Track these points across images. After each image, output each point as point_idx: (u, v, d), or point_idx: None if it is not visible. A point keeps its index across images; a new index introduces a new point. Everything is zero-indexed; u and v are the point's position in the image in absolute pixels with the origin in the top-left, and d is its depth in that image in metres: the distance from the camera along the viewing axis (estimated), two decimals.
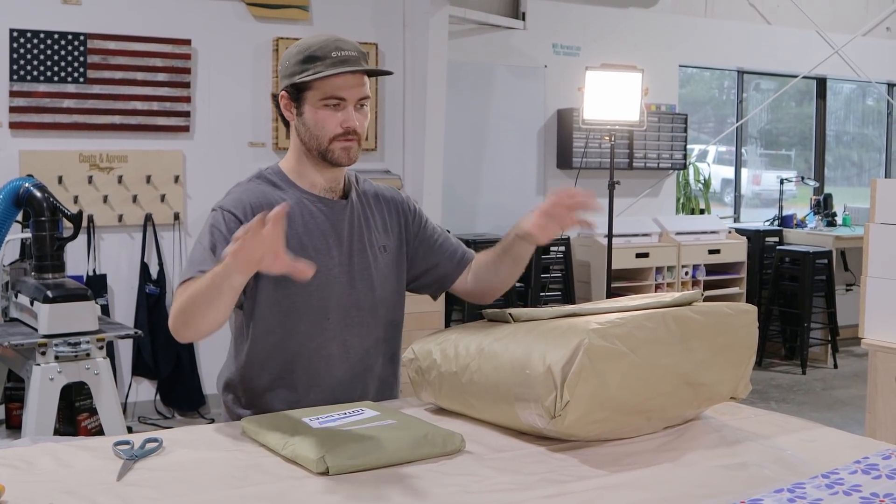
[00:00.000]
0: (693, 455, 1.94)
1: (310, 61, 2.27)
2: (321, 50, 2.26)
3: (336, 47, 2.27)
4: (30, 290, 4.08)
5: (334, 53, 2.26)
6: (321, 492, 1.71)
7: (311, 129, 2.31)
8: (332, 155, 2.31)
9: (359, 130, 2.31)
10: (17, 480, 1.71)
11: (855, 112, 9.89)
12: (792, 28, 8.52)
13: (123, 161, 5.63)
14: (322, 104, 2.28)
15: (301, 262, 1.97)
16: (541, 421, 1.93)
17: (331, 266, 2.33)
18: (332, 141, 2.29)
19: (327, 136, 2.29)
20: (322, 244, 2.33)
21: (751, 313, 2.18)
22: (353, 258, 2.38)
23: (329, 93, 2.27)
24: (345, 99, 2.27)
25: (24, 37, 5.34)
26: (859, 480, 1.58)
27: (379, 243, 2.45)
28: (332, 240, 2.35)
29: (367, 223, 2.44)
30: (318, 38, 2.32)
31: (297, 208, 2.31)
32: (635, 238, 7.16)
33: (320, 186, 2.38)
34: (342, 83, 2.27)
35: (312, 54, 2.27)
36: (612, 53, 7.17)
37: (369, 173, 6.18)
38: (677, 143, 7.72)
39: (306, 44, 2.30)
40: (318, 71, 2.25)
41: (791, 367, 7.51)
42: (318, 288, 2.31)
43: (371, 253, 2.42)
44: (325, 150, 2.30)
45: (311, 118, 2.30)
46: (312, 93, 2.28)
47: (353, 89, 2.28)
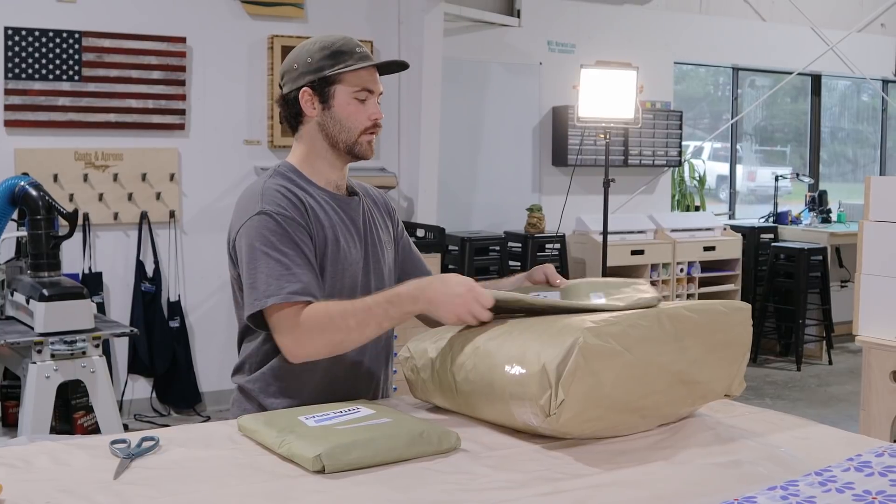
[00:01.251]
0: (687, 453, 1.95)
1: (338, 56, 2.31)
2: (346, 45, 2.32)
3: (356, 44, 2.34)
4: (26, 289, 4.08)
5: (358, 49, 2.33)
6: (317, 490, 1.72)
7: (342, 122, 2.33)
8: (359, 148, 2.35)
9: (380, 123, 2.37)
10: (15, 479, 1.71)
11: (850, 108, 9.91)
12: (787, 24, 8.54)
13: (119, 159, 5.63)
14: (353, 96, 2.32)
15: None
16: (536, 419, 1.94)
17: (357, 259, 2.37)
18: (362, 134, 2.34)
19: (358, 128, 2.33)
20: (350, 238, 2.36)
21: (745, 311, 2.19)
22: (368, 250, 2.41)
23: (361, 85, 2.32)
24: (373, 91, 2.34)
25: (18, 35, 5.33)
26: (852, 478, 1.59)
27: (383, 239, 2.49)
28: (354, 233, 2.39)
29: (373, 220, 2.48)
30: (333, 36, 2.36)
31: (319, 202, 2.34)
32: (630, 235, 7.17)
33: (333, 184, 2.40)
34: (371, 77, 2.34)
35: (339, 49, 2.31)
36: (606, 50, 7.18)
37: (364, 171, 6.21)
38: (672, 140, 7.73)
39: (328, 41, 2.34)
40: (350, 64, 2.30)
41: (786, 364, 7.53)
42: (350, 281, 2.34)
43: (381, 247, 2.46)
44: (355, 142, 2.34)
45: (342, 111, 2.32)
46: (343, 86, 2.31)
47: (378, 83, 2.36)
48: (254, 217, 2.24)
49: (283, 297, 2.15)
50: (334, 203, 2.37)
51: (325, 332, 2.16)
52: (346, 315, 2.15)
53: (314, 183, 2.37)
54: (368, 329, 2.17)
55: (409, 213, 6.41)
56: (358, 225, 2.40)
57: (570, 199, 6.66)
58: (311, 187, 2.36)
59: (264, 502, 1.66)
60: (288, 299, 2.15)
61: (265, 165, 5.56)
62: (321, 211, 2.32)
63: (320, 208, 2.32)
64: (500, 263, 6.52)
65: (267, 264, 2.19)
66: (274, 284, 2.17)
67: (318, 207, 2.32)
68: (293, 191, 2.31)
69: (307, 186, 2.36)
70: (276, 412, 2.08)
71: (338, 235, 2.32)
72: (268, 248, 2.20)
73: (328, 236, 2.30)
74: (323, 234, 2.30)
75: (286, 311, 2.16)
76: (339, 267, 2.31)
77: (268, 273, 2.18)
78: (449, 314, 2.10)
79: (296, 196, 2.29)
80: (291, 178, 2.36)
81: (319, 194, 2.36)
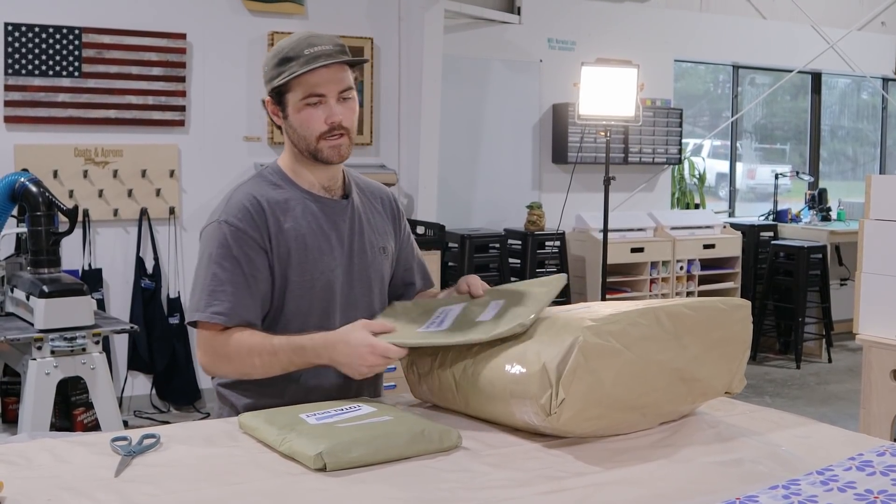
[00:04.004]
0: (688, 451, 1.95)
1: (284, 63, 2.25)
2: (293, 50, 2.25)
3: (308, 44, 2.25)
4: (25, 285, 4.08)
5: (307, 51, 2.23)
6: (318, 488, 1.72)
7: (298, 131, 2.29)
8: (321, 154, 2.29)
9: (345, 124, 2.29)
10: (16, 476, 1.71)
11: (850, 106, 9.90)
12: (787, 22, 8.53)
13: (118, 155, 5.62)
14: (303, 104, 2.26)
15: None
16: (536, 418, 1.94)
17: (333, 266, 2.33)
18: (320, 140, 2.27)
19: (314, 135, 2.27)
20: (325, 244, 2.32)
21: (744, 308, 2.19)
22: (353, 259, 2.38)
23: (307, 91, 2.25)
24: (324, 95, 2.25)
25: (18, 31, 5.33)
26: (854, 477, 1.59)
27: (378, 244, 2.45)
28: (334, 240, 2.34)
29: (368, 223, 2.43)
30: (291, 38, 2.30)
31: (298, 208, 2.31)
32: (630, 233, 7.16)
33: (318, 186, 2.36)
34: (318, 79, 2.24)
35: (286, 56, 2.25)
36: (607, 48, 7.18)
37: (365, 168, 6.21)
38: (672, 138, 7.73)
39: (280, 46, 2.29)
40: (293, 71, 2.23)
41: (785, 362, 7.53)
42: (322, 290, 2.31)
43: (371, 253, 2.41)
44: (315, 149, 2.29)
45: (295, 120, 2.28)
46: (292, 94, 2.26)
47: (331, 83, 2.26)
48: (213, 224, 2.29)
49: (206, 315, 2.22)
50: (316, 206, 2.34)
51: (232, 363, 2.23)
52: (252, 353, 2.19)
53: (297, 185, 2.35)
54: (273, 370, 2.21)
55: (409, 210, 6.41)
56: (341, 230, 2.36)
57: (570, 196, 6.66)
58: (292, 190, 2.34)
59: (265, 500, 1.66)
60: (210, 319, 2.21)
61: (265, 162, 5.52)
62: (295, 218, 2.29)
63: (296, 214, 2.30)
64: (499, 261, 6.52)
65: (206, 276, 2.25)
66: (204, 300, 2.23)
67: (294, 213, 2.30)
68: (266, 198, 2.29)
69: (288, 190, 2.34)
70: (276, 410, 2.07)
71: (307, 243, 2.29)
72: (211, 260, 2.25)
73: (294, 246, 2.27)
74: (287, 245, 2.27)
75: (205, 331, 2.24)
76: (306, 277, 2.29)
77: (203, 286, 2.25)
78: (353, 373, 2.12)
79: (261, 208, 2.27)
80: (273, 181, 2.35)
81: (301, 198, 2.33)
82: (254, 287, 2.24)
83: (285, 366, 2.19)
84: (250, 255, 2.24)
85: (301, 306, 2.30)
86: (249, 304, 2.23)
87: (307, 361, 2.17)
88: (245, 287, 2.23)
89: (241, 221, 2.25)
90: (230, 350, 2.21)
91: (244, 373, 2.25)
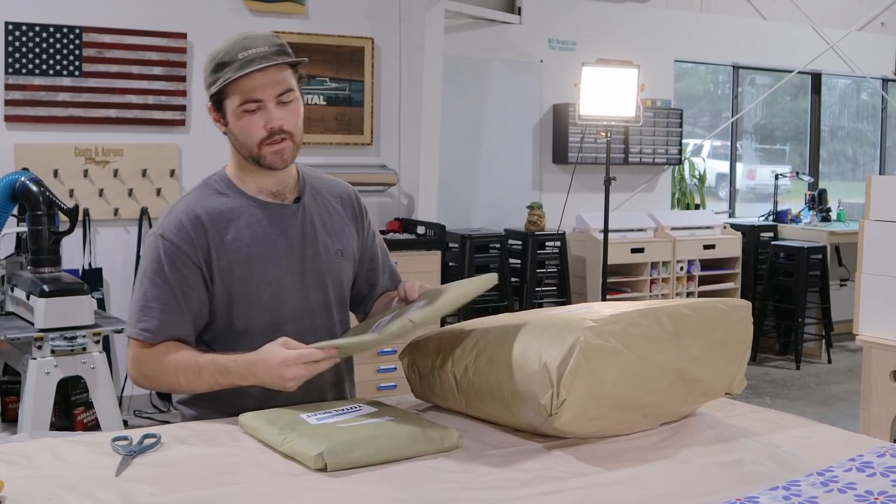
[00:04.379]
0: (689, 452, 1.95)
1: (219, 69, 2.19)
2: (228, 54, 2.18)
3: (242, 47, 2.17)
4: (26, 284, 4.08)
5: (240, 55, 2.16)
6: (319, 488, 1.72)
7: (238, 138, 2.23)
8: (264, 160, 2.22)
9: (287, 128, 2.21)
10: (16, 476, 1.72)
11: (849, 107, 9.90)
12: (787, 23, 8.53)
13: (119, 155, 5.62)
14: (241, 110, 2.19)
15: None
16: (537, 419, 1.94)
17: (281, 276, 2.27)
18: (261, 146, 2.21)
19: (255, 141, 2.20)
20: (271, 253, 2.26)
21: (744, 309, 2.19)
22: (306, 264, 2.31)
23: (244, 97, 2.17)
24: (261, 100, 2.17)
25: (19, 30, 5.33)
26: (854, 478, 1.59)
27: (335, 247, 2.38)
28: (283, 247, 2.28)
29: (323, 227, 2.36)
30: (226, 41, 2.22)
31: (243, 217, 2.26)
32: (630, 233, 7.16)
33: (267, 191, 2.30)
34: (254, 84, 2.16)
35: (220, 61, 2.19)
36: (607, 48, 7.18)
37: (365, 168, 6.22)
38: (672, 139, 7.73)
39: (215, 51, 2.22)
40: (227, 77, 2.16)
41: (785, 363, 7.53)
42: (270, 301, 2.26)
43: (325, 258, 2.35)
44: (257, 155, 2.22)
45: (235, 127, 2.22)
46: (229, 100, 2.20)
47: (268, 87, 2.18)
48: (151, 237, 2.27)
49: (134, 331, 2.22)
50: (263, 214, 2.28)
51: (159, 379, 2.22)
52: (178, 371, 2.18)
53: (243, 192, 2.29)
54: (198, 388, 2.19)
55: (410, 210, 6.41)
56: (291, 236, 2.30)
57: (571, 196, 6.65)
58: (237, 198, 2.28)
59: (266, 500, 1.66)
60: (137, 335, 2.21)
61: None
62: (238, 229, 2.24)
63: (240, 225, 2.25)
64: (500, 261, 6.51)
65: (139, 291, 2.24)
66: (135, 315, 2.23)
67: (238, 224, 2.25)
68: (208, 210, 2.24)
69: (234, 198, 2.28)
70: (277, 410, 2.07)
71: (252, 254, 2.24)
72: (145, 276, 2.24)
73: (236, 259, 2.23)
74: (228, 258, 2.23)
75: (134, 346, 2.23)
76: (252, 289, 2.24)
77: (135, 301, 2.25)
78: (281, 389, 2.07)
79: (199, 222, 2.22)
80: (218, 190, 2.30)
81: (246, 206, 2.28)
82: (184, 304, 2.21)
83: (210, 385, 2.16)
84: (182, 272, 2.20)
85: (249, 319, 2.25)
86: (179, 321, 2.20)
87: (231, 382, 2.13)
88: (175, 304, 2.20)
89: (176, 237, 2.21)
90: (157, 366, 2.19)
91: (169, 389, 2.25)
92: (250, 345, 2.19)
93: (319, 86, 6.14)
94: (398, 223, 6.24)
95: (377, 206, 6.39)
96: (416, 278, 2.44)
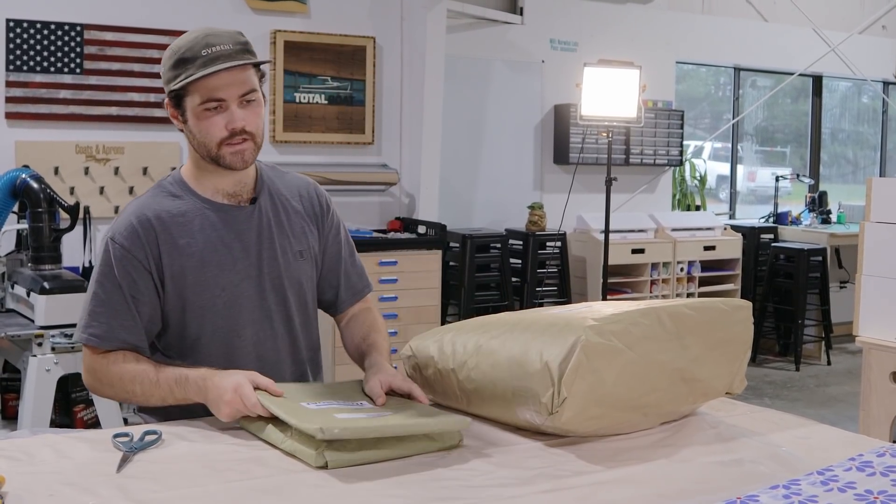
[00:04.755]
0: (689, 451, 1.96)
1: (180, 65, 2.13)
2: (190, 51, 2.12)
3: (206, 44, 2.11)
4: (26, 282, 4.08)
5: (204, 52, 2.10)
6: (320, 485, 1.72)
7: (197, 137, 2.18)
8: (223, 161, 2.17)
9: (249, 129, 2.16)
10: (17, 472, 1.72)
11: (850, 110, 9.91)
12: (788, 25, 8.54)
13: (120, 152, 5.62)
14: (202, 109, 2.13)
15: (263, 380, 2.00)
16: (538, 417, 1.94)
17: (236, 281, 2.23)
18: (221, 146, 2.16)
19: (214, 141, 2.15)
20: (226, 258, 2.22)
21: (745, 309, 2.19)
22: (263, 267, 2.26)
23: (205, 95, 2.12)
24: (224, 99, 2.13)
25: (20, 27, 5.33)
26: (854, 477, 1.60)
27: (294, 249, 2.32)
28: (238, 251, 2.23)
29: (280, 228, 2.31)
30: (188, 36, 2.16)
31: (197, 221, 2.21)
32: (631, 234, 7.16)
33: (223, 192, 2.26)
34: (217, 83, 2.11)
35: (182, 57, 2.12)
36: (609, 49, 7.18)
37: (366, 167, 6.22)
38: (673, 140, 7.73)
39: (177, 45, 2.16)
40: (190, 74, 2.10)
41: (785, 364, 7.54)
42: (226, 306, 2.22)
43: (283, 260, 2.29)
44: (216, 156, 2.17)
45: (194, 125, 2.17)
46: (190, 98, 2.14)
47: (232, 87, 2.13)
48: (105, 240, 2.24)
49: (84, 336, 2.17)
50: (217, 217, 2.23)
51: (113, 388, 2.17)
52: (134, 381, 2.13)
53: (198, 194, 2.24)
54: (152, 399, 2.14)
55: (411, 209, 6.41)
56: (246, 239, 2.24)
57: (572, 197, 6.65)
58: (192, 201, 2.24)
59: (267, 497, 1.67)
60: (87, 341, 2.17)
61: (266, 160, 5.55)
62: (191, 233, 2.20)
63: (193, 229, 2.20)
64: (500, 261, 6.52)
65: (89, 293, 2.21)
66: (85, 320, 2.18)
67: (190, 228, 2.20)
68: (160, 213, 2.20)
69: (187, 200, 2.24)
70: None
71: (205, 259, 2.20)
72: (95, 279, 2.21)
73: (189, 264, 2.19)
74: (180, 263, 2.18)
75: (87, 353, 2.19)
76: (206, 294, 2.20)
77: (85, 303, 2.20)
78: (216, 411, 2.01)
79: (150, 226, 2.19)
80: (172, 192, 2.25)
81: (200, 209, 2.23)
82: (134, 309, 2.16)
83: (165, 396, 2.10)
84: (133, 277, 2.16)
85: (204, 325, 2.21)
86: (129, 325, 2.16)
87: (187, 397, 2.07)
88: (125, 309, 2.16)
89: (127, 240, 2.18)
90: (111, 375, 2.15)
91: (123, 398, 2.20)
92: (206, 352, 2.17)
93: (321, 85, 6.14)
94: (399, 222, 6.24)
95: (378, 205, 6.40)
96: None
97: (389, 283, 5.69)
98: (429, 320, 5.74)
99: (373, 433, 1.83)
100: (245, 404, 1.95)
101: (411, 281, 5.77)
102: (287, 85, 6.00)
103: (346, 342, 2.47)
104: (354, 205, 6.24)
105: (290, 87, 6.03)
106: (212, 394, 2.01)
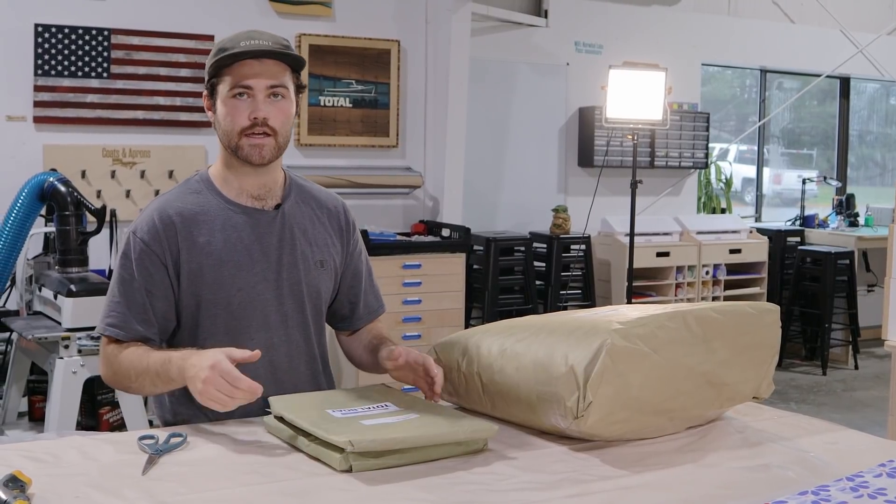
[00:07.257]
0: (715, 456, 1.94)
1: (218, 53, 2.19)
2: (231, 41, 2.18)
3: (247, 37, 2.18)
4: (53, 284, 4.11)
5: (243, 43, 2.16)
6: (344, 488, 1.72)
7: (222, 124, 2.22)
8: (241, 151, 2.20)
9: (272, 123, 2.18)
10: (44, 474, 1.73)
11: (878, 112, 9.83)
12: (815, 27, 8.48)
13: (146, 156, 5.65)
14: (230, 94, 2.17)
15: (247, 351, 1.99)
16: (563, 421, 1.94)
17: (253, 283, 2.22)
18: (242, 135, 2.18)
19: (236, 128, 2.18)
20: (244, 258, 2.22)
21: (773, 312, 2.17)
22: (282, 272, 2.26)
23: (235, 81, 2.16)
24: (251, 87, 2.16)
25: (48, 32, 5.37)
26: (884, 484, 1.58)
27: (315, 258, 2.32)
28: (257, 253, 2.23)
29: (303, 235, 2.31)
30: (234, 33, 2.23)
31: (218, 220, 2.22)
32: (656, 237, 7.13)
33: (248, 194, 2.27)
34: (248, 71, 2.16)
35: (223, 46, 2.19)
36: (634, 52, 7.15)
37: (390, 170, 6.22)
38: (699, 142, 7.69)
39: (221, 40, 2.23)
40: (222, 56, 2.17)
41: (811, 368, 7.48)
42: (241, 307, 2.21)
43: (303, 267, 2.29)
44: (236, 146, 2.20)
45: (221, 111, 2.21)
46: (222, 85, 2.19)
47: (261, 77, 2.16)
48: (127, 234, 2.25)
49: (101, 327, 2.21)
50: (240, 218, 2.24)
51: (117, 375, 2.20)
52: (130, 367, 2.15)
53: (222, 195, 2.26)
54: (145, 386, 2.15)
55: (435, 212, 6.41)
56: (266, 243, 2.24)
57: (596, 200, 6.63)
58: (216, 200, 2.25)
59: (291, 500, 1.67)
60: (104, 331, 2.21)
61: (291, 164, 5.57)
62: (211, 232, 2.21)
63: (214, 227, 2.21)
64: (524, 264, 6.50)
65: (112, 287, 2.23)
66: (105, 311, 2.22)
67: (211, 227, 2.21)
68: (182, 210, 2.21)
69: (211, 199, 2.25)
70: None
71: (223, 258, 2.20)
72: (117, 272, 2.23)
73: (207, 262, 2.19)
74: (199, 260, 2.19)
75: (103, 341, 2.23)
76: (221, 294, 2.20)
77: (107, 296, 2.24)
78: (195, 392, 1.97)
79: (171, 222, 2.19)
80: (196, 190, 2.27)
81: (223, 208, 2.24)
82: (150, 303, 2.18)
83: (154, 380, 2.10)
84: (150, 271, 2.18)
85: (217, 325, 2.21)
86: (145, 319, 2.18)
87: (170, 377, 2.05)
88: (141, 303, 2.18)
89: (147, 235, 2.19)
90: (115, 363, 2.17)
91: (126, 386, 2.20)
92: None
93: (345, 88, 6.15)
94: (423, 225, 6.24)
95: (402, 208, 6.40)
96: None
97: (413, 287, 5.69)
98: (452, 323, 5.73)
99: (401, 444, 1.82)
100: (225, 380, 1.92)
101: (435, 284, 5.76)
102: (312, 88, 6.02)
103: (353, 346, 2.49)
104: (378, 208, 6.24)
105: (315, 90, 6.04)
106: (189, 372, 1.99)
